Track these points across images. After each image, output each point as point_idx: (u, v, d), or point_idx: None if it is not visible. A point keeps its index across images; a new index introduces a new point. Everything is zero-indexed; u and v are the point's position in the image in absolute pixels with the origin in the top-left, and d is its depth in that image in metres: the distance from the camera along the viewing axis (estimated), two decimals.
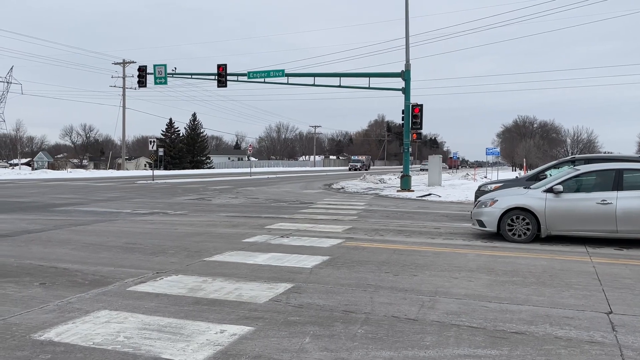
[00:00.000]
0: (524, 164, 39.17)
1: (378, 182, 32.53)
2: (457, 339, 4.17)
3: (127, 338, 4.05)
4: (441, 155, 33.33)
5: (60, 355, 3.70)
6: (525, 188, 10.33)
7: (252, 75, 29.07)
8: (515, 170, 65.72)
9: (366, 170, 77.21)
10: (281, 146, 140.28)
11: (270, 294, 5.47)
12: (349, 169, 79.89)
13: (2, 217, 12.60)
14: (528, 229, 9.23)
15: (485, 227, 9.63)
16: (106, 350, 3.78)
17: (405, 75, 24.91)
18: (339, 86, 27.35)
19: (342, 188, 27.70)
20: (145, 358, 3.66)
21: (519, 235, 9.27)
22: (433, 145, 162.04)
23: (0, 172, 43.72)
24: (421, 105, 24.59)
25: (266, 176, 47.27)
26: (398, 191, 24.25)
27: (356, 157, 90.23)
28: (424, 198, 20.99)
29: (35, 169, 50.72)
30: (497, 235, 9.65)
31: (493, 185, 13.45)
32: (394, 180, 34.03)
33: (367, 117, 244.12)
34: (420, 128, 24.67)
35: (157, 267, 6.84)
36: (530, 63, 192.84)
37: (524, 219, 9.26)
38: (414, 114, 24.42)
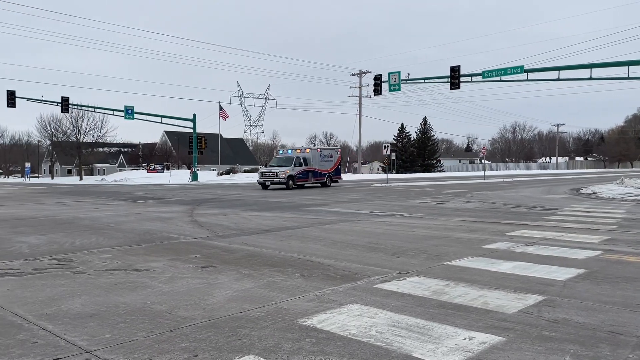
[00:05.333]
0: None
1: None
2: None
3: (379, 333, 4.27)
4: None
5: (323, 341, 4.11)
6: None
7: (487, 75, 28.01)
8: None
9: (324, 184, 31.98)
10: (517, 147, 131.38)
11: (518, 304, 5.14)
12: (262, 185, 30.47)
13: (266, 214, 14.70)
14: None
15: None
16: (361, 342, 4.06)
17: None
18: (590, 78, 24.34)
19: (594, 193, 24.49)
20: (398, 354, 3.80)
21: None
22: None
23: None
24: None
25: (501, 179, 44.87)
26: None
27: (288, 152, 34.52)
28: None
29: None
30: None
31: None
32: None
33: (622, 112, 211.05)
34: None
35: (398, 267, 7.07)
36: None
37: None
38: None
